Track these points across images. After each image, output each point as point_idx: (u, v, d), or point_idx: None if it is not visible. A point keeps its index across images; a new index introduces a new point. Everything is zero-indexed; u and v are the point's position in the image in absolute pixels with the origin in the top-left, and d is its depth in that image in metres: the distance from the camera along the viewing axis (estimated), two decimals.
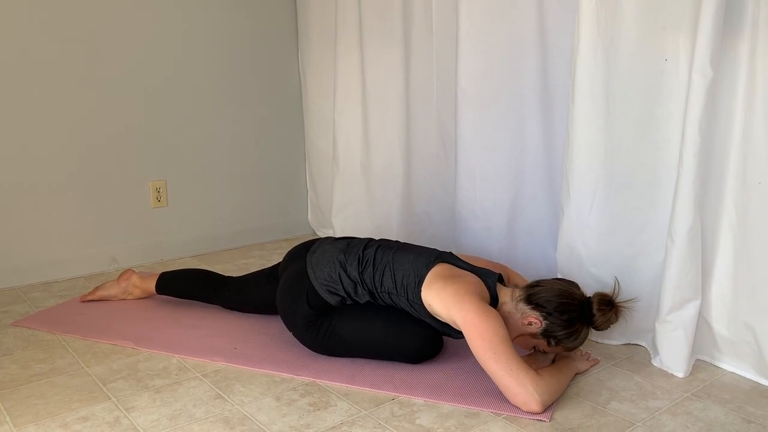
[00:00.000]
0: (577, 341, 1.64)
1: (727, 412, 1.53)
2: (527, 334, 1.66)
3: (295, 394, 1.64)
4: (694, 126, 1.58)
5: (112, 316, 2.16)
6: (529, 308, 1.64)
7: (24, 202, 2.55)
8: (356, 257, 1.77)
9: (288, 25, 3.20)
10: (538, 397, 1.48)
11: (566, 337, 1.62)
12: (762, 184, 1.56)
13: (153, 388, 1.68)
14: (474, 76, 2.24)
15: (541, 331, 1.63)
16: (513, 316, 1.66)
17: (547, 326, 1.62)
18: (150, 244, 2.89)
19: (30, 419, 1.53)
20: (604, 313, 1.62)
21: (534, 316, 1.63)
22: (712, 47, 1.53)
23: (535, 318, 1.63)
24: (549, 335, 1.63)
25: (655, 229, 1.80)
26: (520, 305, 1.66)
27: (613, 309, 1.63)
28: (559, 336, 1.62)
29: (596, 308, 1.62)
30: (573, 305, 1.63)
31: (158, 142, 2.85)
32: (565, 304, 1.62)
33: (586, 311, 1.63)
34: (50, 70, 2.54)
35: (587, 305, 1.64)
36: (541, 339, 1.65)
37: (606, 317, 1.62)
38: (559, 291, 1.65)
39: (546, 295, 1.64)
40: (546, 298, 1.63)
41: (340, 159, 2.90)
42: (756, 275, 1.62)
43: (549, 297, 1.63)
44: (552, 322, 1.62)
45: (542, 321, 1.62)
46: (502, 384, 1.51)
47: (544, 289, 1.65)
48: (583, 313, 1.63)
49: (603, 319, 1.62)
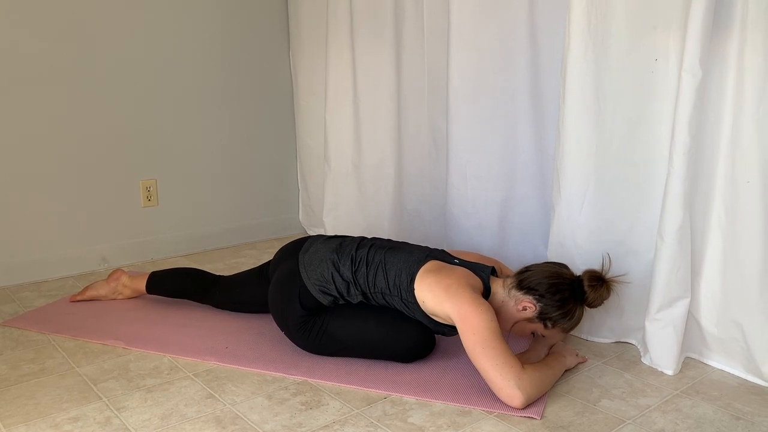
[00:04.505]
0: (572, 321, 1.65)
1: (716, 409, 1.54)
2: (523, 319, 1.67)
3: (287, 393, 1.64)
4: (683, 125, 1.59)
5: (103, 316, 2.15)
6: (522, 293, 1.66)
7: (13, 200, 2.53)
8: (349, 257, 1.77)
9: (279, 24, 3.20)
10: (520, 393, 1.49)
11: (561, 318, 1.64)
12: (751, 183, 1.58)
13: (144, 388, 1.67)
14: (465, 75, 2.25)
15: (536, 314, 1.65)
16: (507, 305, 1.68)
17: (541, 308, 1.64)
18: (140, 244, 2.87)
19: (20, 420, 1.52)
20: (596, 289, 1.64)
21: (527, 301, 1.65)
22: (701, 47, 1.54)
23: (528, 302, 1.65)
24: (544, 317, 1.65)
25: (645, 227, 1.82)
26: (512, 292, 1.68)
27: (604, 284, 1.65)
28: (555, 317, 1.64)
29: (587, 285, 1.64)
30: (564, 285, 1.65)
31: (148, 141, 2.84)
32: (556, 285, 1.64)
33: (577, 289, 1.65)
34: (39, 68, 2.52)
35: (578, 283, 1.66)
36: (538, 322, 1.66)
37: (598, 293, 1.64)
38: (550, 272, 1.67)
39: (537, 278, 1.66)
40: (537, 281, 1.65)
41: (332, 158, 2.90)
42: (745, 273, 1.63)
43: (540, 279, 1.65)
44: (546, 304, 1.63)
45: (536, 304, 1.64)
46: (488, 378, 1.52)
47: (534, 273, 1.68)
48: (575, 291, 1.65)
49: (595, 295, 1.64)
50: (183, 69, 2.90)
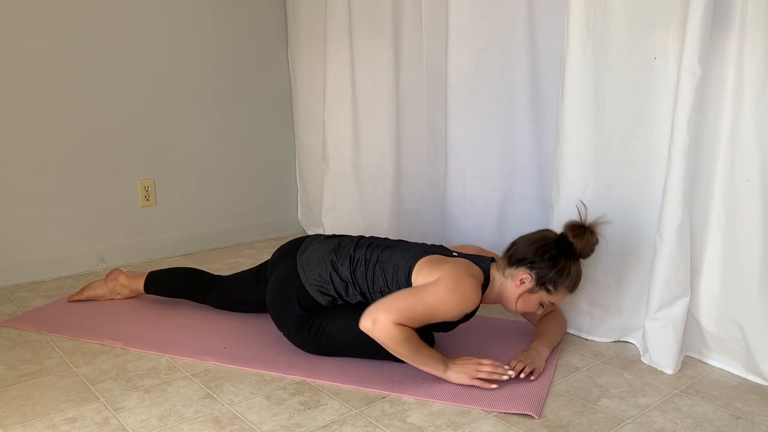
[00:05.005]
0: (571, 277, 1.66)
1: (715, 409, 1.54)
2: (526, 292, 1.68)
3: (285, 393, 1.64)
4: (682, 124, 1.59)
5: (101, 316, 2.14)
6: (515, 268, 1.68)
7: (10, 200, 2.52)
8: (347, 256, 1.77)
9: (277, 23, 3.19)
10: (370, 322, 1.55)
11: (558, 276, 1.65)
12: (750, 181, 1.57)
13: (142, 388, 1.67)
14: (464, 75, 2.24)
15: (534, 282, 1.66)
16: (506, 285, 1.70)
17: (536, 275, 1.66)
18: (138, 244, 2.87)
19: (17, 420, 1.51)
20: (581, 238, 1.64)
21: (522, 272, 1.67)
22: (700, 45, 1.54)
23: (523, 273, 1.67)
24: (543, 282, 1.66)
25: (645, 227, 1.81)
26: (507, 271, 1.70)
27: (587, 230, 1.66)
28: (552, 277, 1.65)
29: (572, 236, 1.65)
30: (550, 244, 1.67)
31: (147, 141, 2.83)
32: (543, 247, 1.67)
33: (564, 244, 1.66)
34: (37, 68, 2.51)
35: (563, 238, 1.67)
36: (540, 290, 1.67)
37: (584, 241, 1.64)
38: (533, 239, 1.70)
39: (523, 248, 1.69)
40: (524, 251, 1.68)
41: (330, 157, 2.89)
42: (744, 272, 1.63)
43: (526, 248, 1.68)
44: (539, 268, 1.65)
45: (530, 272, 1.66)
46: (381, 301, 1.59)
47: (519, 245, 1.71)
48: (563, 247, 1.66)
49: (582, 244, 1.64)
50: (181, 69, 2.89)
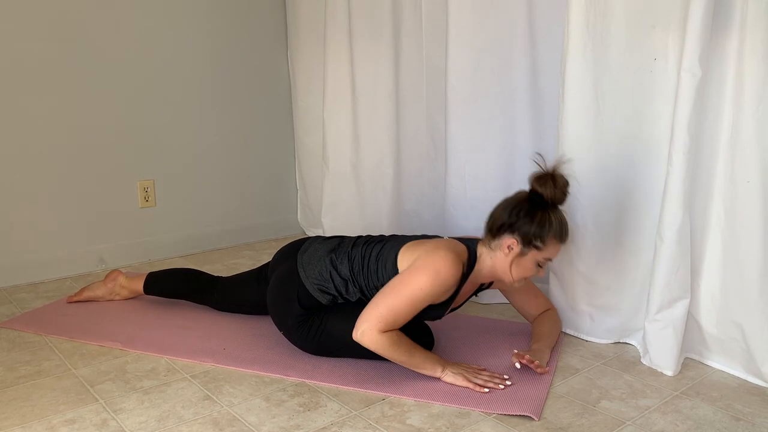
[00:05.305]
0: (554, 227, 1.64)
1: (715, 410, 1.53)
2: (517, 257, 1.67)
3: (284, 394, 1.63)
4: (683, 125, 1.58)
5: (100, 317, 2.14)
6: (498, 239, 1.68)
7: (10, 201, 2.52)
8: (346, 255, 1.78)
9: (277, 23, 3.19)
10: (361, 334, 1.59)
11: (541, 228, 1.63)
12: (750, 183, 1.57)
13: (141, 390, 1.66)
14: (464, 75, 2.24)
15: (521, 244, 1.65)
16: (496, 258, 1.69)
17: (520, 235, 1.65)
18: (138, 244, 2.86)
19: (16, 422, 1.51)
20: (547, 185, 1.63)
21: (506, 239, 1.66)
22: (701, 46, 1.53)
23: (507, 239, 1.66)
24: (529, 240, 1.64)
25: (645, 227, 1.81)
26: (492, 243, 1.70)
27: (550, 176, 1.64)
28: (535, 232, 1.63)
29: (539, 187, 1.64)
30: (521, 201, 1.67)
31: (146, 141, 2.83)
32: (515, 207, 1.67)
33: (535, 197, 1.65)
34: (36, 69, 2.51)
35: (531, 192, 1.66)
36: (530, 250, 1.65)
37: (550, 185, 1.63)
38: (503, 204, 1.70)
39: (497, 215, 1.69)
40: (499, 217, 1.68)
41: (330, 158, 2.89)
42: (744, 274, 1.62)
43: (500, 214, 1.69)
44: (520, 228, 1.64)
45: (513, 236, 1.65)
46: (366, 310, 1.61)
47: (494, 214, 1.71)
48: (534, 200, 1.65)
49: (552, 190, 1.63)
50: (181, 69, 2.89)
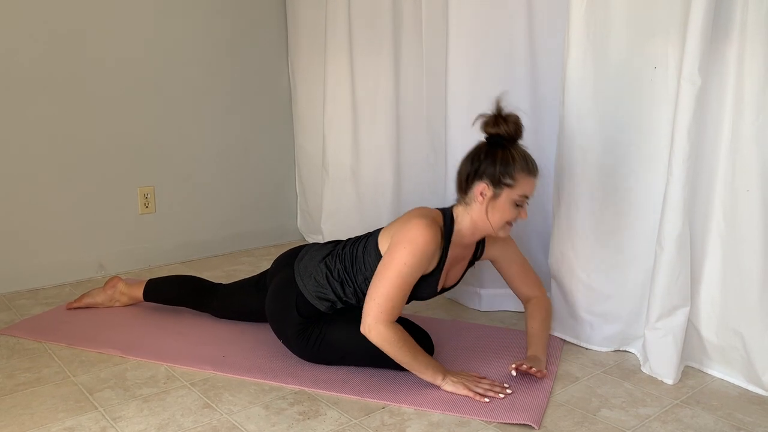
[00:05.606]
0: (518, 161, 1.64)
1: (716, 419, 1.53)
2: (491, 201, 1.67)
3: (284, 402, 1.63)
4: (683, 133, 1.59)
5: (99, 324, 2.14)
6: (468, 190, 1.70)
7: (10, 207, 2.52)
8: (337, 256, 1.80)
9: (278, 31, 3.20)
10: (368, 329, 1.61)
11: (505, 165, 1.64)
12: (750, 191, 1.57)
13: (141, 397, 1.66)
14: (464, 82, 2.24)
15: (491, 186, 1.66)
16: (473, 210, 1.71)
17: (487, 177, 1.66)
18: (138, 251, 2.86)
19: (15, 430, 1.51)
20: (497, 123, 1.65)
21: (476, 187, 1.68)
22: (700, 54, 1.53)
23: (477, 186, 1.67)
24: (496, 179, 1.65)
25: (645, 235, 1.81)
26: (466, 198, 1.72)
27: (497, 115, 1.66)
28: (500, 170, 1.64)
29: (491, 128, 1.66)
30: (480, 147, 1.70)
31: (146, 148, 2.83)
32: (475, 154, 1.70)
33: (491, 139, 1.68)
34: (37, 75, 2.51)
35: (487, 137, 1.69)
36: (503, 189, 1.65)
37: (502, 123, 1.65)
38: (464, 158, 1.72)
39: (463, 169, 1.72)
40: (465, 169, 1.71)
41: (330, 164, 2.89)
42: (744, 282, 1.62)
43: (464, 166, 1.71)
44: (485, 170, 1.66)
45: (482, 181, 1.67)
46: (366, 298, 1.63)
47: (459, 172, 1.73)
48: (492, 142, 1.68)
49: (504, 127, 1.65)
50: (182, 76, 2.89)
